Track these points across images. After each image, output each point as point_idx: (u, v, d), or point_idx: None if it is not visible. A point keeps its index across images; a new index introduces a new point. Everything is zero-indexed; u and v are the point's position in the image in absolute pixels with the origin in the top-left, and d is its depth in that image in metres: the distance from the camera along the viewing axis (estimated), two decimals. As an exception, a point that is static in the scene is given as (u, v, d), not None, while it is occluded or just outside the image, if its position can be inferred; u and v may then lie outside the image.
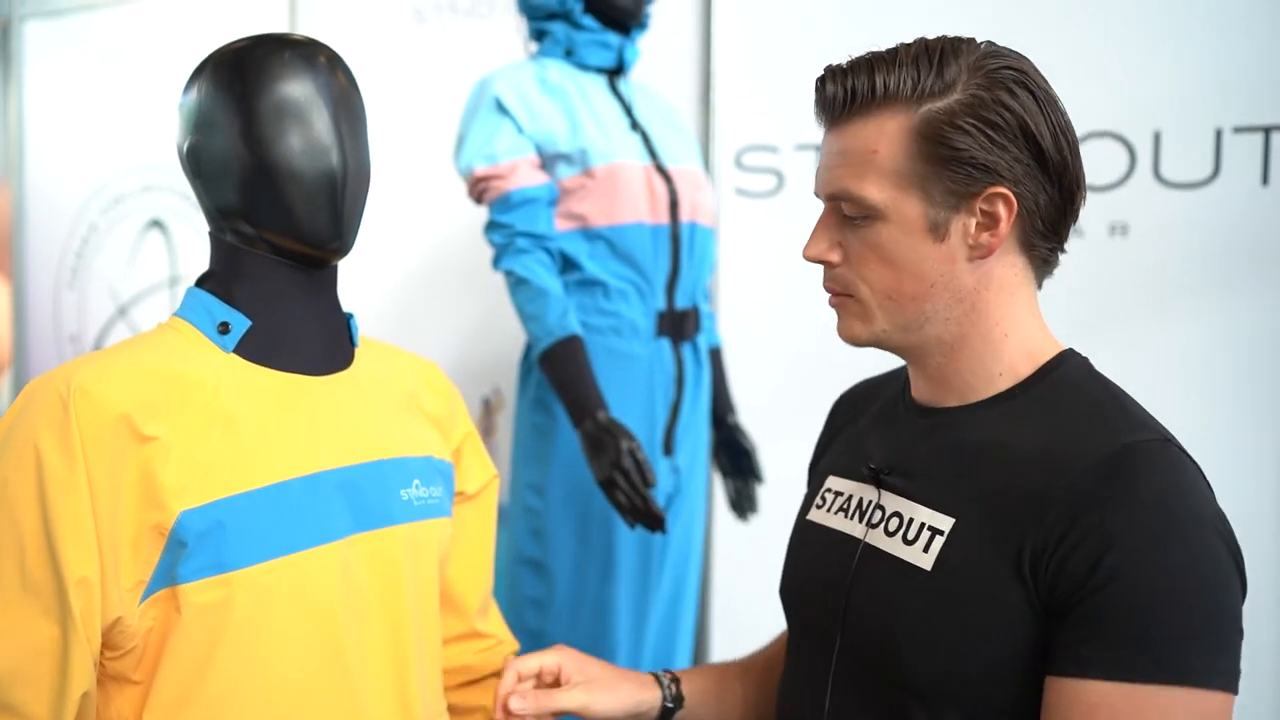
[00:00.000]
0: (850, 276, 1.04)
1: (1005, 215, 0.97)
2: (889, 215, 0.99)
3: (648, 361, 1.96)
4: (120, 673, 1.02)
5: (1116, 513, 0.89)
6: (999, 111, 0.96)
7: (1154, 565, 0.88)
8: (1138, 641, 0.88)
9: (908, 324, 1.03)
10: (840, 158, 1.01)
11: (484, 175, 1.90)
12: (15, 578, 0.96)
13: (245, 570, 1.01)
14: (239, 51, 1.10)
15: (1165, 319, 2.25)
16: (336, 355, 1.17)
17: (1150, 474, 0.91)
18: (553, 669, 1.20)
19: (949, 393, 1.06)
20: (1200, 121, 2.21)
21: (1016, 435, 0.99)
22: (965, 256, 1.00)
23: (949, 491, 1.01)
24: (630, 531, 1.93)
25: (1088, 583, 0.89)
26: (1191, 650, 0.87)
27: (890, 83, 0.98)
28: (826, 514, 1.14)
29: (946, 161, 0.97)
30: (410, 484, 1.17)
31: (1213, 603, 0.89)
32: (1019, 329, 1.03)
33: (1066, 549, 0.90)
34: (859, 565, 1.05)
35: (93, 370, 1.01)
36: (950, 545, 0.98)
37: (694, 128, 2.63)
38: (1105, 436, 0.94)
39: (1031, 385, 1.02)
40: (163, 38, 3.48)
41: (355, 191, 1.12)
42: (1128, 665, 0.88)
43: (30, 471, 0.96)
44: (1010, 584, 0.93)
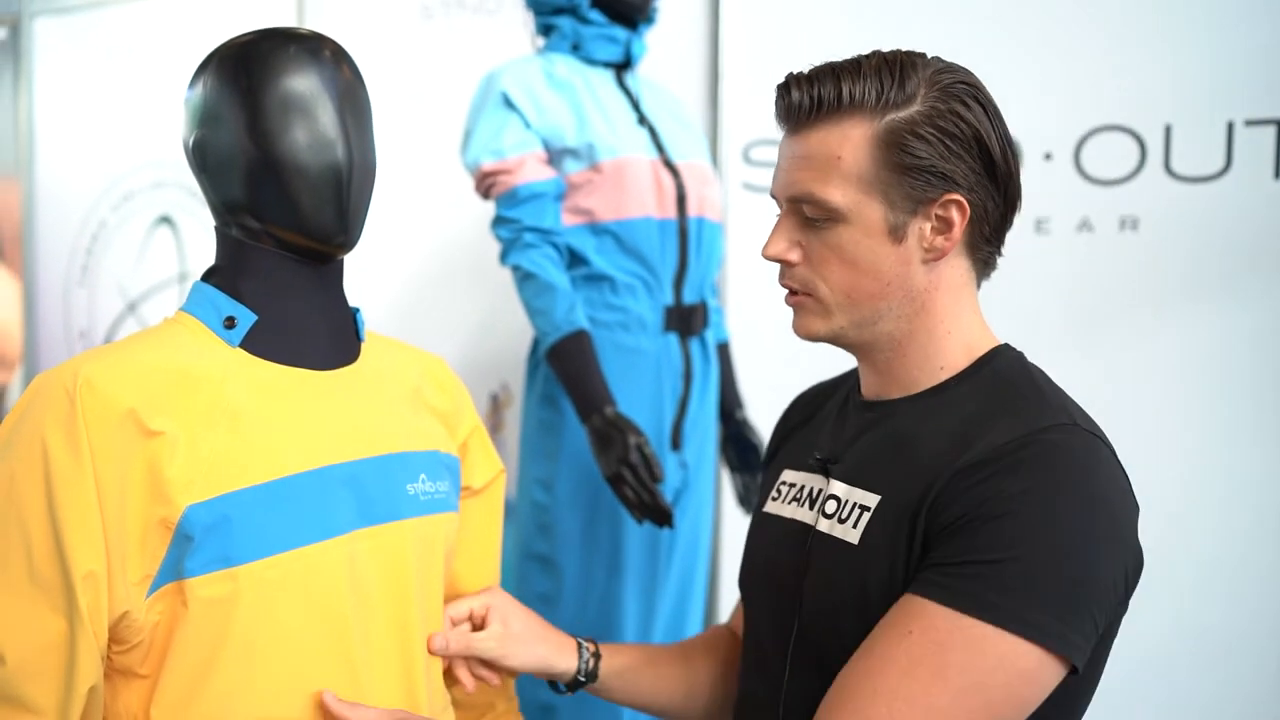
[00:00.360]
0: (810, 275, 1.09)
1: (959, 220, 1.04)
2: (851, 218, 1.05)
3: (655, 357, 1.96)
4: (128, 667, 1.02)
5: (1015, 477, 0.95)
6: (955, 122, 1.02)
7: (1032, 520, 0.93)
8: (981, 578, 0.93)
9: (863, 320, 1.09)
10: (804, 162, 1.06)
11: (491, 170, 1.90)
12: (23, 572, 0.96)
13: (251, 565, 1.01)
14: (244, 45, 1.10)
15: (1176, 314, 2.24)
16: (343, 350, 1.17)
17: (1052, 452, 0.97)
18: (481, 613, 1.25)
19: (893, 386, 1.12)
20: (1211, 114, 2.21)
21: (943, 420, 1.05)
22: (920, 258, 1.06)
23: (879, 473, 1.07)
24: (638, 527, 1.93)
25: (962, 518, 0.96)
26: (1027, 603, 0.92)
27: (856, 92, 1.03)
28: (781, 505, 1.20)
29: (907, 169, 1.02)
30: (416, 478, 1.17)
31: (1070, 569, 0.93)
32: (960, 326, 1.09)
33: (948, 498, 0.97)
34: (810, 550, 1.10)
35: (99, 365, 1.01)
36: (875, 519, 1.04)
37: (702, 122, 2.62)
38: (1021, 420, 1.00)
39: (966, 377, 1.08)
40: (172, 34, 3.49)
41: (361, 186, 1.12)
42: (961, 593, 0.93)
43: (37, 466, 0.97)
44: (905, 548, 1.00)
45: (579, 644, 1.28)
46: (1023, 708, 0.94)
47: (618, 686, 1.30)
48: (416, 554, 1.15)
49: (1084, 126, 2.30)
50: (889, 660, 0.95)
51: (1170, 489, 2.20)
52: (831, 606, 1.06)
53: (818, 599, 1.08)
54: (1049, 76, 2.31)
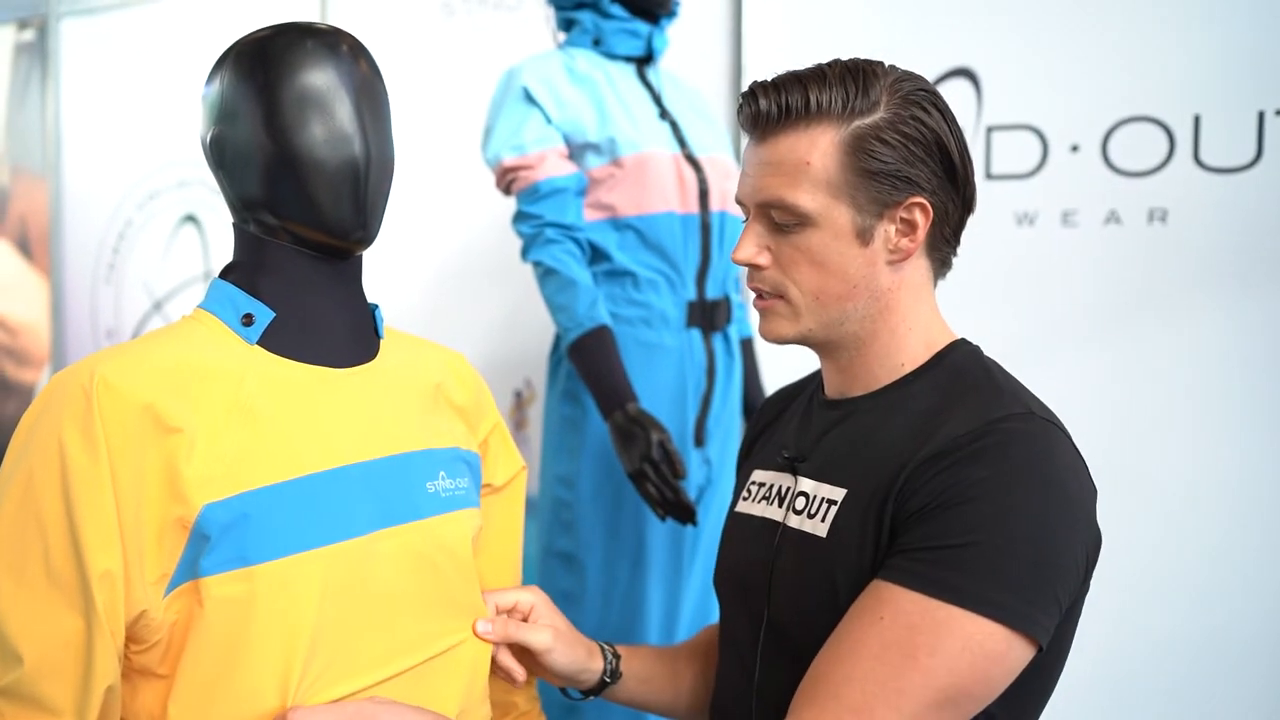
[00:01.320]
0: (779, 279, 1.13)
1: (923, 223, 1.08)
2: (820, 222, 1.08)
3: (678, 352, 1.95)
4: (146, 666, 1.01)
5: (976, 464, 0.99)
6: (917, 128, 1.07)
7: (994, 505, 0.97)
8: (947, 562, 0.97)
9: (830, 322, 1.12)
10: (772, 168, 1.09)
11: (512, 166, 1.89)
12: (41, 571, 0.95)
13: (268, 564, 1.00)
14: (261, 41, 1.10)
15: (1206, 307, 2.21)
16: (361, 347, 1.16)
17: (1009, 440, 1.00)
18: (525, 608, 1.27)
19: (856, 384, 1.16)
20: (1241, 104, 2.17)
21: (905, 414, 1.09)
22: (885, 260, 1.10)
23: (844, 468, 1.11)
24: (661, 524, 1.92)
25: (927, 506, 0.99)
26: (993, 585, 0.96)
27: (823, 99, 1.06)
28: (751, 504, 1.23)
29: (873, 173, 1.06)
30: (436, 476, 1.16)
31: (1036, 559, 0.97)
32: (920, 323, 1.14)
33: (918, 484, 1.01)
34: (779, 545, 1.14)
35: (116, 362, 1.01)
36: (841, 512, 1.08)
37: (725, 117, 2.61)
38: (979, 410, 1.04)
39: (925, 372, 1.13)
40: (197, 34, 3.50)
41: (378, 181, 1.12)
42: (929, 578, 0.97)
43: (54, 464, 0.96)
44: (873, 539, 1.03)
45: (600, 647, 1.30)
46: (992, 687, 0.98)
47: (633, 686, 1.32)
48: (437, 552, 1.14)
49: (1112, 117, 2.26)
50: (861, 645, 0.98)
51: (1204, 481, 2.17)
52: (800, 599, 1.09)
53: (786, 592, 1.11)
54: (1075, 67, 2.29)
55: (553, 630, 1.24)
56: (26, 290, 3.99)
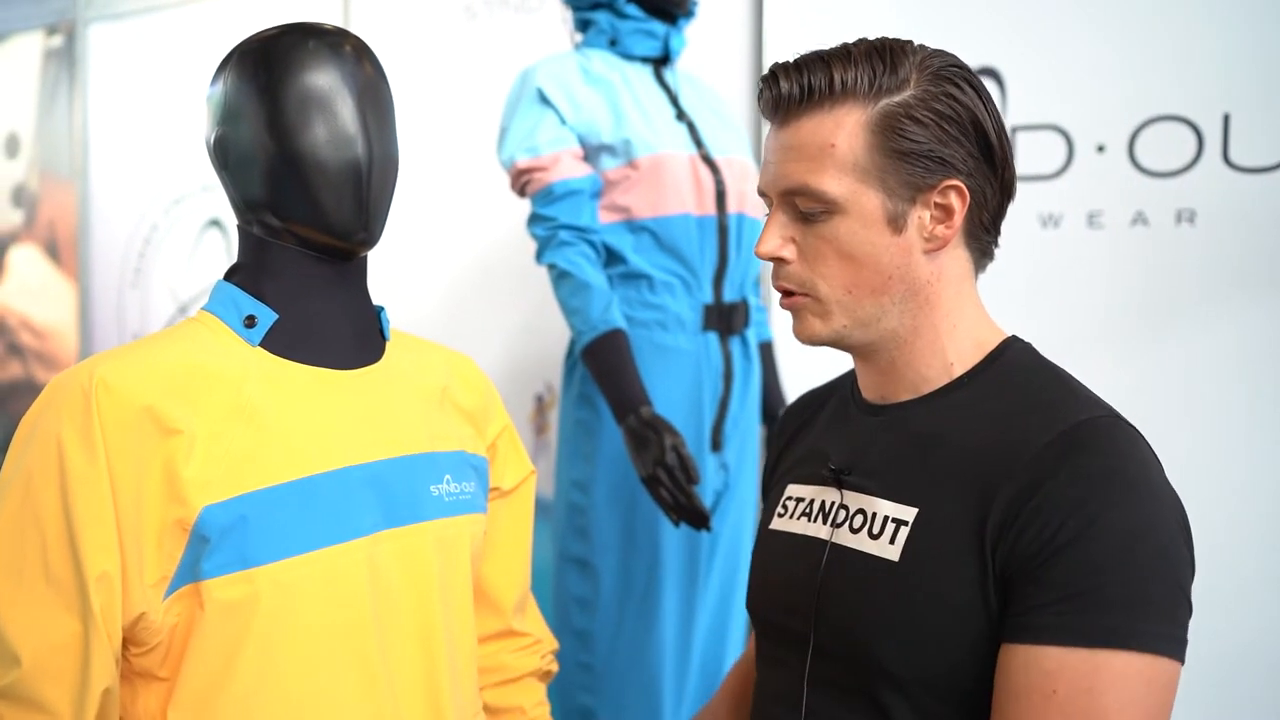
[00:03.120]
0: (806, 274, 1.05)
1: (959, 207, 1.01)
2: (848, 208, 1.01)
3: (694, 356, 1.93)
4: (146, 669, 1.01)
5: (1073, 483, 0.92)
6: (951, 105, 1.00)
7: (1109, 530, 0.90)
8: (1093, 606, 0.89)
9: (866, 319, 1.05)
10: (796, 153, 1.03)
11: (526, 167, 1.88)
12: (39, 572, 0.96)
13: (269, 566, 1.00)
14: (264, 41, 1.10)
15: (1236, 309, 2.17)
16: (366, 349, 1.16)
17: (1105, 446, 0.94)
18: None
19: (900, 387, 1.08)
20: (1271, 102, 2.13)
21: (970, 421, 1.02)
22: (920, 249, 1.03)
23: (908, 483, 1.02)
24: (676, 529, 1.91)
25: (1044, 549, 0.91)
26: (1144, 616, 0.89)
27: (848, 78, 1.00)
28: (789, 521, 1.16)
29: (905, 154, 0.99)
30: (441, 479, 1.15)
31: (1165, 570, 0.90)
32: (966, 319, 1.06)
33: (1025, 520, 0.92)
34: (827, 565, 1.06)
35: (116, 364, 1.01)
36: (915, 534, 0.99)
37: (745, 118, 2.59)
38: (1058, 415, 0.97)
39: (979, 372, 1.05)
40: (223, 39, 3.51)
41: (381, 182, 1.11)
42: (1082, 630, 0.89)
43: (53, 465, 0.96)
44: (973, 564, 0.95)
45: None
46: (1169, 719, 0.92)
47: None
48: (441, 556, 1.13)
49: (1139, 117, 2.23)
50: None
51: (1233, 486, 2.13)
52: (855, 621, 1.01)
53: (839, 615, 1.04)
54: (1101, 66, 2.25)
55: None
56: (55, 294, 4.03)
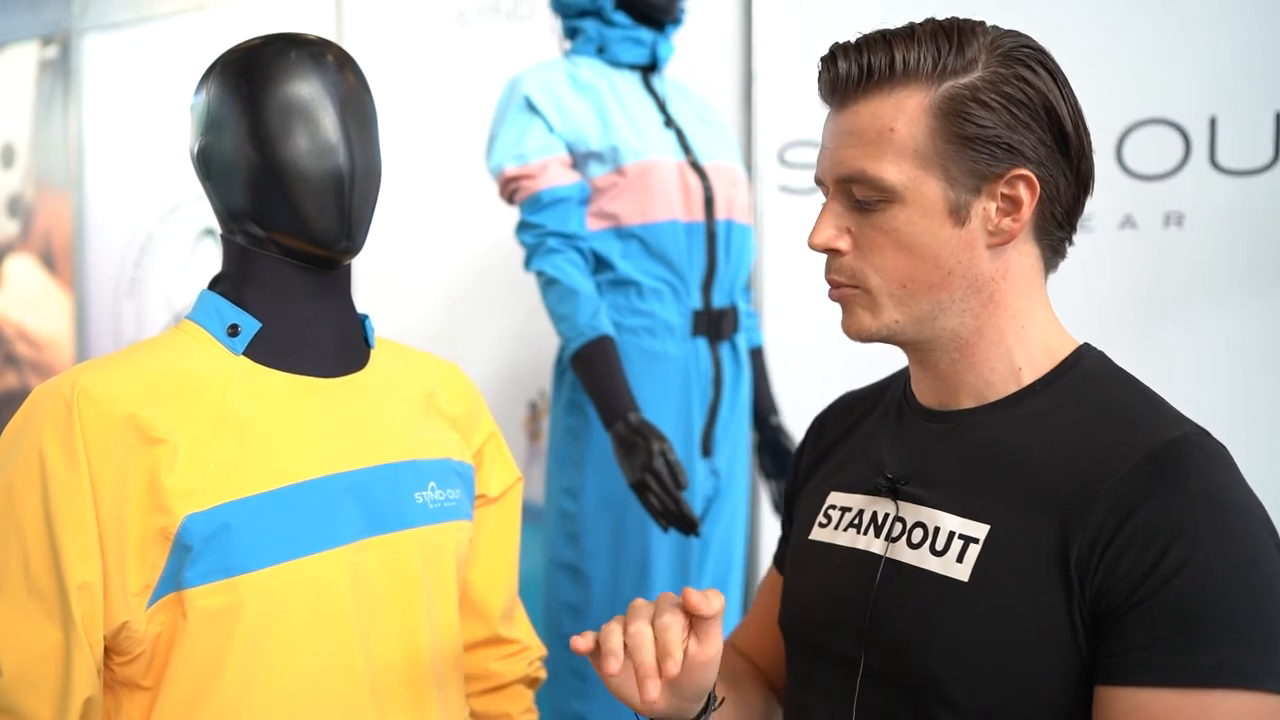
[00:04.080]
0: (859, 266, 0.98)
1: (1028, 199, 0.93)
2: (907, 197, 0.94)
3: (683, 362, 1.94)
4: (130, 678, 1.01)
5: (1171, 508, 0.85)
6: (1022, 89, 0.92)
7: (1214, 559, 0.84)
8: (1202, 643, 0.83)
9: (922, 315, 0.97)
10: (853, 138, 0.96)
11: (514, 175, 1.89)
12: (20, 582, 0.96)
13: (252, 574, 1.00)
14: (247, 52, 1.11)
15: (1224, 311, 2.18)
16: (350, 357, 1.16)
17: (1199, 467, 0.88)
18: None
19: (962, 393, 1.01)
20: (1258, 105, 2.14)
21: (1047, 434, 0.94)
22: (984, 243, 0.95)
23: (978, 497, 0.95)
24: (666, 535, 1.91)
25: (1145, 583, 0.85)
26: (1252, 652, 0.83)
27: (911, 58, 0.93)
28: (834, 532, 1.07)
29: (970, 140, 0.92)
30: (426, 486, 1.15)
31: (1270, 601, 0.84)
32: (1035, 322, 0.99)
33: (1119, 548, 0.86)
34: (882, 582, 0.99)
35: (98, 374, 1.01)
36: (988, 553, 0.92)
37: (736, 124, 2.60)
38: (1145, 432, 0.90)
39: (1053, 381, 0.98)
40: (217, 49, 3.52)
41: (364, 192, 1.11)
42: (1191, 670, 0.83)
43: (35, 475, 0.97)
44: (1055, 589, 0.89)
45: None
46: None
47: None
48: (425, 563, 1.13)
49: (1125, 120, 2.24)
50: None
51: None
52: (918, 644, 0.95)
53: (897, 637, 0.96)
54: (1088, 69, 2.25)
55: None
56: (50, 304, 4.04)
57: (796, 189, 2.58)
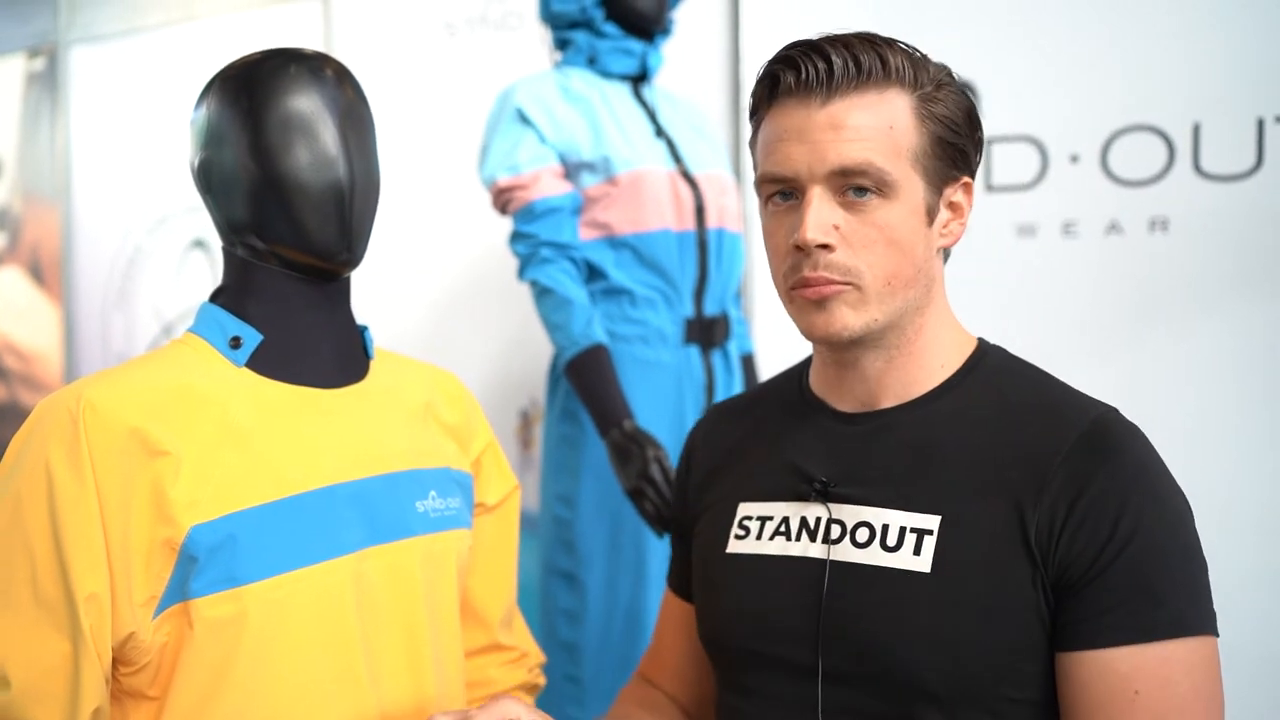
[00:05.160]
0: (853, 263, 0.97)
1: (967, 205, 1.01)
2: (902, 193, 0.97)
3: (676, 369, 1.95)
4: (136, 688, 1.02)
5: (1116, 482, 0.92)
6: (960, 103, 0.99)
7: (1156, 524, 0.92)
8: (1156, 601, 0.90)
9: (895, 312, 0.99)
10: (853, 131, 0.95)
11: (507, 186, 1.90)
12: (28, 594, 0.96)
13: (257, 584, 1.01)
14: (246, 66, 1.11)
15: (1208, 315, 2.20)
16: (350, 368, 1.17)
17: (1127, 441, 0.95)
18: None
19: (885, 393, 1.04)
20: (1241, 111, 2.17)
21: (977, 425, 1.00)
22: (935, 245, 1.01)
23: (921, 491, 0.98)
24: (661, 541, 1.92)
25: (1103, 554, 0.91)
26: (1195, 600, 0.92)
27: (895, 63, 0.97)
28: (757, 542, 1.07)
29: (941, 144, 0.98)
30: (426, 495, 1.17)
31: (1197, 551, 0.94)
32: (950, 321, 1.05)
33: (1076, 523, 0.92)
34: (832, 585, 0.99)
35: (103, 386, 1.02)
36: (944, 542, 0.95)
37: (724, 133, 2.62)
38: (1071, 414, 0.97)
39: (965, 375, 1.03)
40: (205, 60, 3.52)
41: (363, 203, 1.12)
42: (1149, 627, 0.90)
43: (41, 488, 0.97)
44: (1019, 568, 0.93)
45: None
46: None
47: None
48: (426, 571, 1.15)
49: (1111, 127, 2.26)
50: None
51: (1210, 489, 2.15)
52: (884, 640, 0.96)
53: (860, 636, 0.97)
54: (1074, 77, 2.29)
55: None
56: (39, 316, 4.03)
57: (785, 197, 2.60)
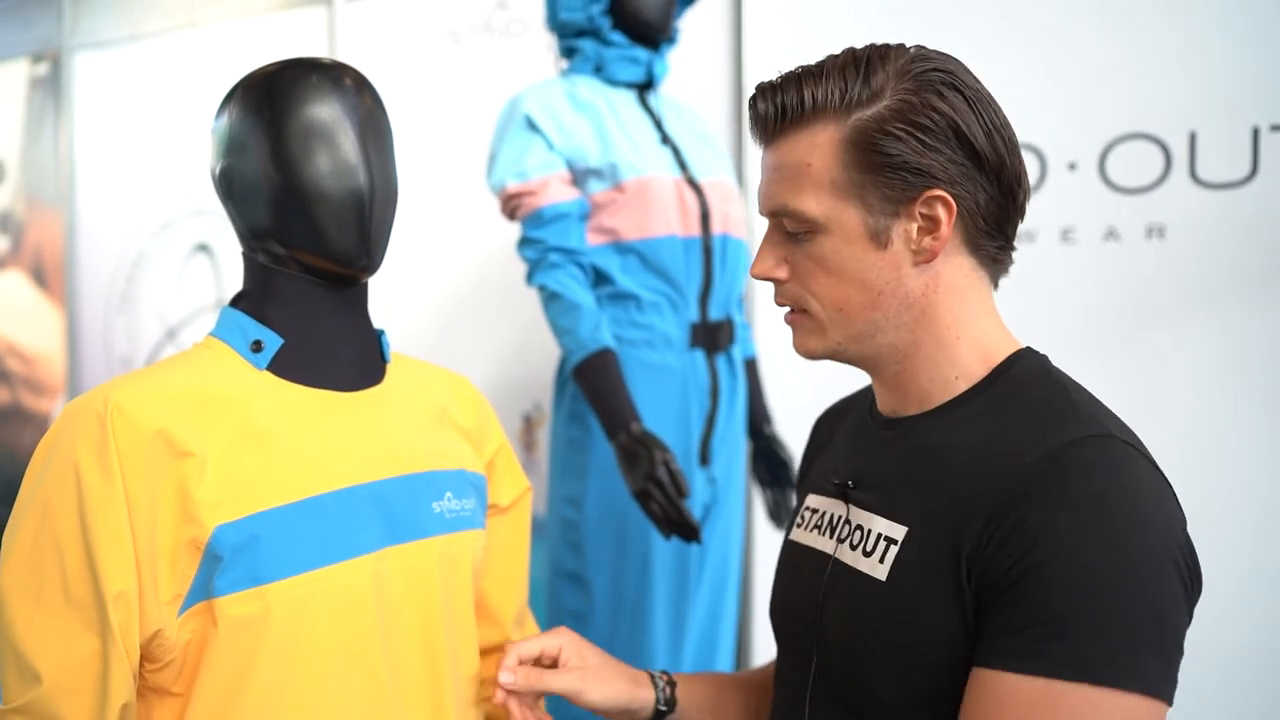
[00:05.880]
0: (799, 292, 1.04)
1: (945, 217, 0.97)
2: (829, 227, 1.00)
3: (682, 373, 1.97)
4: (161, 685, 1.04)
5: (1046, 508, 0.88)
6: (928, 114, 0.96)
7: (1078, 561, 0.86)
8: (1055, 636, 0.86)
9: (860, 334, 1.03)
10: (776, 173, 1.02)
11: (516, 192, 1.92)
12: (58, 592, 0.98)
13: (279, 583, 1.03)
14: (268, 76, 1.13)
15: (1205, 321, 2.23)
16: (368, 371, 1.19)
17: (1087, 470, 0.89)
18: (552, 652, 1.21)
19: (908, 401, 1.06)
20: (1237, 120, 2.19)
21: (964, 439, 0.98)
22: (910, 262, 1.00)
23: (901, 500, 1.00)
24: (667, 543, 1.94)
25: (1009, 574, 0.88)
26: (1110, 650, 0.85)
27: (818, 95, 0.99)
28: (804, 532, 1.14)
29: (880, 168, 0.97)
30: (442, 496, 1.18)
31: (1142, 602, 0.85)
32: (970, 331, 1.02)
33: (995, 544, 0.89)
34: (828, 581, 1.05)
35: (129, 389, 1.03)
36: (903, 554, 0.97)
37: (727, 140, 2.64)
38: (1047, 435, 0.92)
39: (985, 387, 1.01)
40: (208, 66, 3.55)
41: (383, 210, 1.14)
42: (1039, 658, 0.86)
43: (70, 488, 0.99)
44: (951, 588, 0.92)
45: (651, 675, 1.24)
46: None
47: (697, 717, 1.24)
48: (443, 571, 1.16)
49: (1108, 135, 2.29)
50: None
51: (1206, 495, 2.18)
52: (848, 640, 1.00)
53: (837, 635, 1.02)
54: (1072, 85, 2.31)
55: (580, 672, 1.19)
56: (41, 319, 4.04)
57: (787, 203, 2.62)
